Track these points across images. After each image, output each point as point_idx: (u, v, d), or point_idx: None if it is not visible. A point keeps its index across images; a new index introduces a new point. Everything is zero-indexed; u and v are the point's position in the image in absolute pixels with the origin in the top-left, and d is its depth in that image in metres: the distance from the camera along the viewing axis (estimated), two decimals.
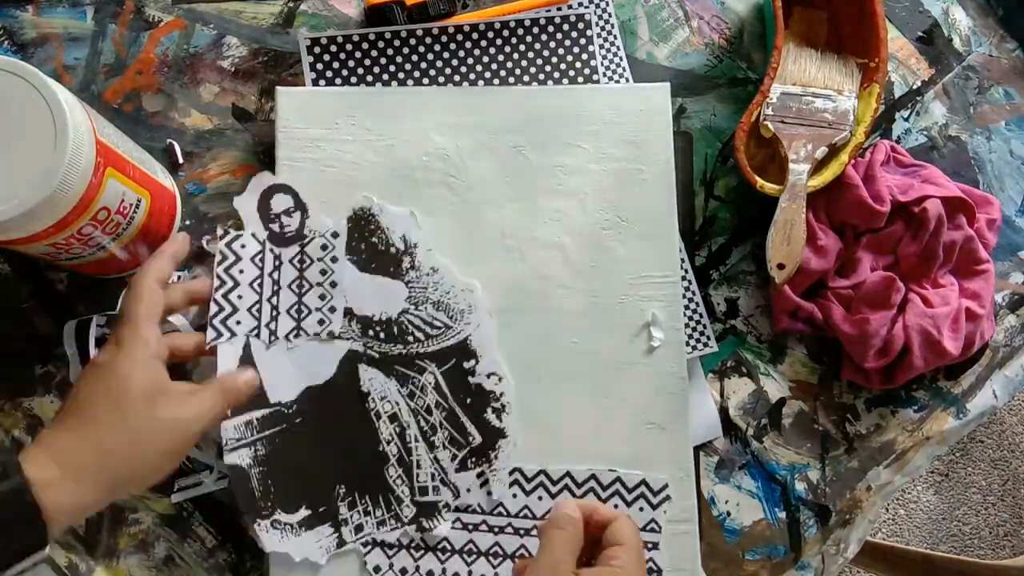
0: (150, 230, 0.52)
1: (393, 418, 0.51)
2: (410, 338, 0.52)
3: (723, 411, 0.57)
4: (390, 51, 0.56)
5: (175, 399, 0.44)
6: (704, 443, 0.57)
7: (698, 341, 0.56)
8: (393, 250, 0.52)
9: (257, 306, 0.51)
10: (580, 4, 0.59)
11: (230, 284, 0.51)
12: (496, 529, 0.51)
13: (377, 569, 0.50)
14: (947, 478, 1.41)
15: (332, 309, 0.51)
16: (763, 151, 0.59)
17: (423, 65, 0.56)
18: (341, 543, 0.50)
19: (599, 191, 0.54)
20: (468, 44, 0.57)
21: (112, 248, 0.49)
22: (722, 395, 0.58)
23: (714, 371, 0.58)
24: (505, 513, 0.51)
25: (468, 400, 0.51)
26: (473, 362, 0.52)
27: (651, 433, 0.52)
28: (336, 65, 0.56)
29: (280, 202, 0.52)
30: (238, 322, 0.50)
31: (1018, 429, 1.43)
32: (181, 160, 0.57)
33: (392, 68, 0.56)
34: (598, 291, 0.53)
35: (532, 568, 0.38)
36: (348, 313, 0.52)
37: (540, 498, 0.51)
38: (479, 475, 0.51)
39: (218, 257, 0.51)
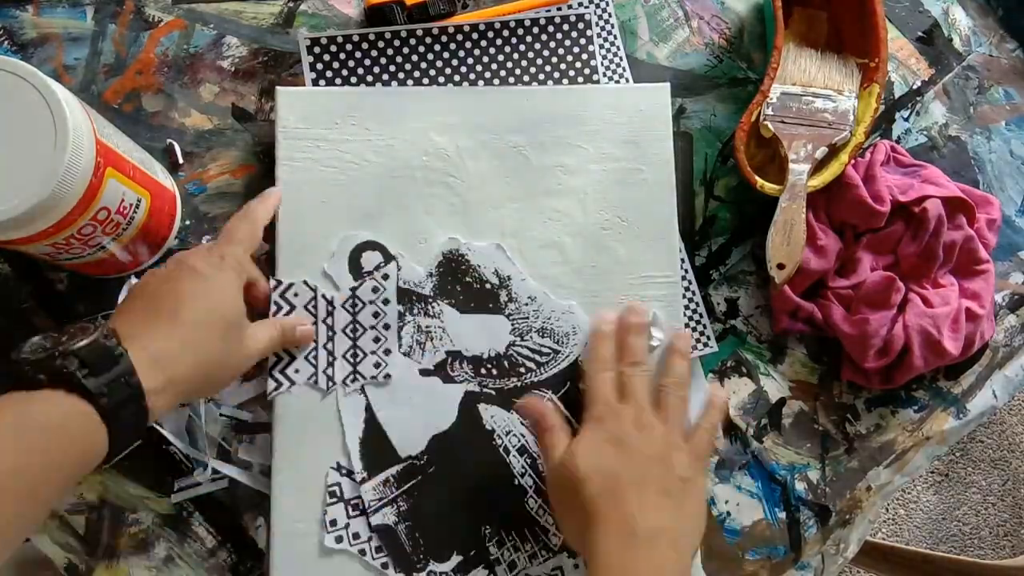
0: (150, 230, 0.52)
1: (522, 451, 0.51)
2: (522, 369, 0.52)
3: None
4: (390, 51, 0.56)
5: (250, 330, 0.46)
6: None
7: (698, 341, 0.56)
8: (488, 286, 0.53)
9: (314, 353, 0.51)
10: (580, 4, 0.59)
11: None
12: None
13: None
14: (947, 478, 1.41)
15: (387, 351, 0.52)
16: (763, 151, 0.59)
17: (423, 65, 0.56)
18: None
19: (599, 191, 0.54)
20: (468, 44, 0.57)
21: (112, 248, 0.49)
22: None
23: (714, 371, 0.58)
24: None
25: None
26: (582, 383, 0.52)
27: None
28: (336, 65, 0.56)
29: (370, 260, 0.52)
30: (296, 370, 0.51)
31: (1018, 429, 1.43)
32: (181, 160, 0.57)
33: (392, 68, 0.56)
34: (598, 291, 0.53)
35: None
36: (457, 356, 0.52)
37: None
38: None
39: (272, 308, 0.51)
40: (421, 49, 0.56)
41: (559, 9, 0.58)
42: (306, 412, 0.51)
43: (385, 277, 0.52)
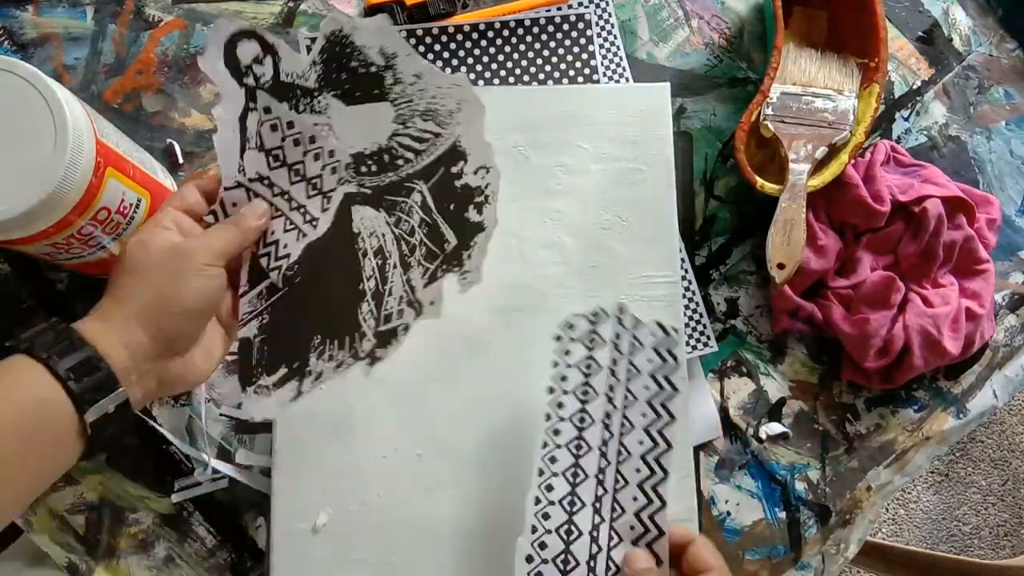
0: None
1: (378, 252, 0.48)
2: (400, 161, 0.47)
3: (723, 411, 0.57)
4: None
5: (190, 240, 0.42)
6: (704, 443, 0.57)
7: (698, 341, 0.56)
8: (374, 69, 0.47)
9: (287, 221, 0.47)
10: (580, 4, 0.59)
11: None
12: None
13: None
14: (947, 478, 1.41)
15: (331, 153, 0.47)
16: (763, 151, 0.59)
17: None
18: (298, 395, 0.47)
19: (599, 191, 0.54)
20: (468, 44, 0.57)
21: (112, 248, 0.49)
22: (722, 395, 0.58)
23: (714, 371, 0.58)
24: None
25: (452, 206, 0.48)
26: (462, 164, 0.48)
27: None
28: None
29: (247, 50, 0.45)
30: (285, 245, 0.47)
31: (1018, 429, 1.43)
32: (181, 160, 0.57)
33: None
34: (598, 291, 0.53)
35: None
36: (338, 155, 0.47)
37: None
38: (449, 283, 0.48)
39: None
40: (421, 49, 0.56)
41: (559, 9, 0.58)
42: (307, 411, 0.51)
43: (259, 62, 0.45)
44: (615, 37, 0.60)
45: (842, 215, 0.58)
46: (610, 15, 0.60)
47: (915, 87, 0.64)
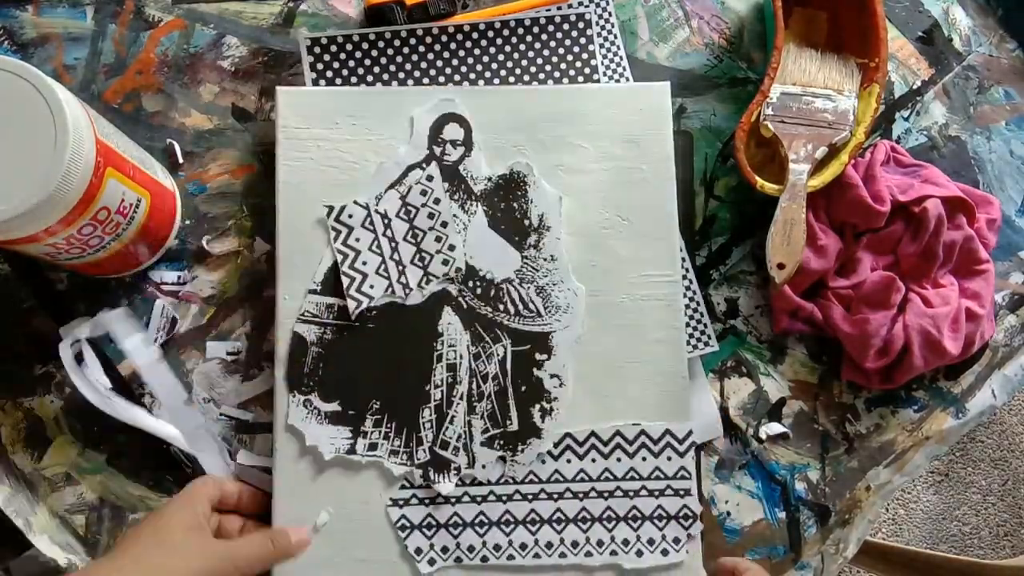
0: (150, 230, 0.52)
1: (451, 368, 0.52)
2: (501, 307, 0.53)
3: (723, 411, 0.57)
4: (390, 51, 0.56)
5: (217, 536, 0.46)
6: (704, 443, 0.57)
7: (699, 340, 0.56)
8: (527, 223, 0.53)
9: (383, 266, 0.52)
10: (580, 3, 0.59)
11: (352, 255, 0.52)
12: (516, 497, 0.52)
13: (419, 551, 0.51)
14: (947, 478, 1.41)
15: (451, 247, 0.53)
16: (763, 151, 0.59)
17: (423, 65, 0.56)
18: (351, 451, 0.51)
19: (599, 190, 0.54)
20: (468, 44, 0.57)
21: (112, 248, 0.49)
22: (722, 395, 0.58)
23: (714, 371, 0.58)
24: (537, 480, 0.52)
25: (523, 388, 0.52)
26: (545, 357, 0.53)
27: None
28: (336, 65, 0.56)
29: (452, 131, 0.54)
30: (372, 286, 0.52)
31: (1018, 429, 1.43)
32: (181, 160, 0.57)
33: (392, 68, 0.56)
34: (598, 290, 0.53)
35: None
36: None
37: (568, 461, 0.52)
38: (500, 458, 0.52)
39: (332, 234, 0.52)
40: (421, 49, 0.56)
41: (559, 8, 0.58)
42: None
43: (455, 145, 0.53)
44: (615, 37, 0.60)
45: (842, 215, 0.58)
46: (610, 15, 0.60)
47: (915, 87, 0.64)
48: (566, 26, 0.57)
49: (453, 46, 0.57)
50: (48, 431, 0.54)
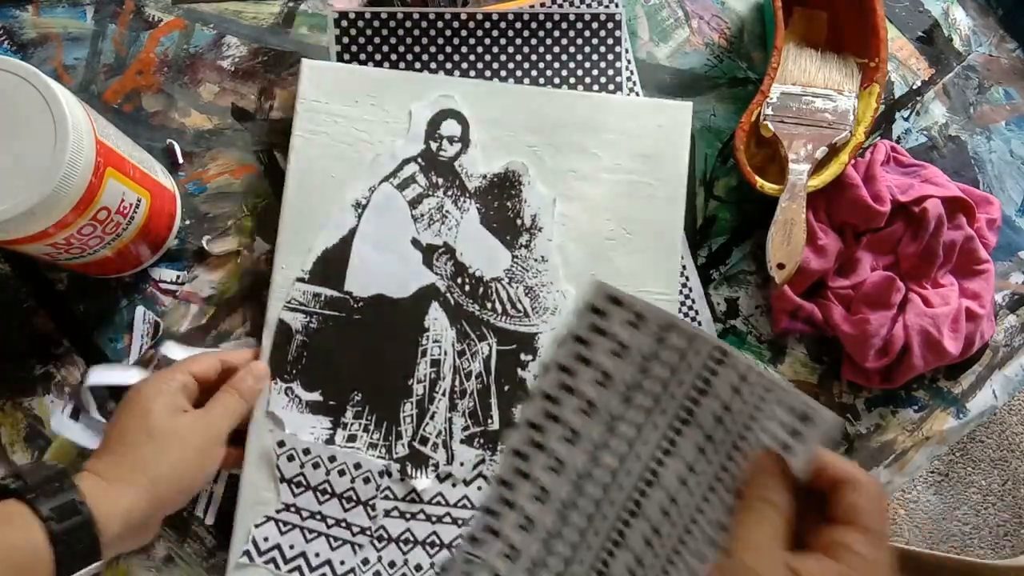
0: (150, 230, 0.52)
1: (435, 363, 0.52)
2: (489, 304, 0.53)
3: None
4: (416, 32, 0.56)
5: (195, 410, 0.46)
6: None
7: None
8: (519, 223, 0.54)
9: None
10: (613, 3, 0.58)
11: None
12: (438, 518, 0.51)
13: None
14: (947, 478, 1.41)
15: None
16: (763, 151, 0.59)
17: (448, 49, 0.56)
18: (330, 440, 0.51)
19: (608, 201, 0.54)
20: (495, 32, 0.56)
21: (112, 248, 0.49)
22: None
23: None
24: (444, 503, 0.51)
25: (507, 388, 0.52)
26: (530, 357, 0.53)
27: None
28: (362, 41, 0.55)
29: (450, 127, 0.54)
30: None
31: (1018, 429, 1.43)
32: (181, 160, 0.57)
33: (417, 50, 0.56)
34: None
35: (727, 564, 0.29)
36: (450, 252, 0.53)
37: (479, 488, 0.52)
38: (477, 457, 0.51)
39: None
40: (448, 33, 0.56)
41: (588, 6, 0.57)
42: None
43: (451, 142, 0.53)
44: (624, 39, 0.60)
45: (842, 215, 0.58)
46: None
47: (915, 87, 0.64)
48: (595, 24, 0.57)
49: (480, 33, 0.56)
50: (48, 431, 0.54)
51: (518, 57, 0.57)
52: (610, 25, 0.57)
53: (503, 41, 0.56)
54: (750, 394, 0.31)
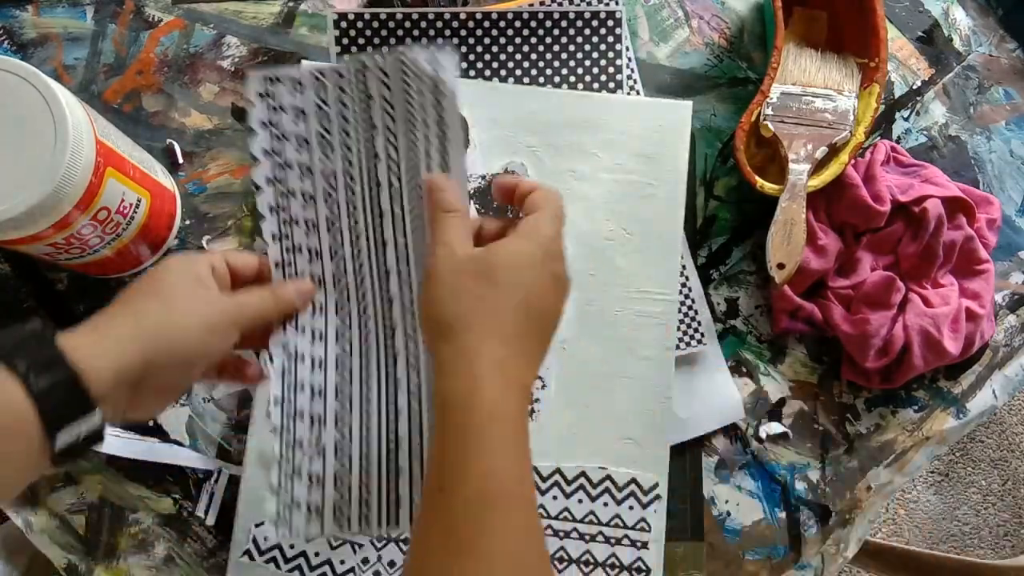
0: (150, 230, 0.52)
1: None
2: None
3: None
4: (416, 32, 0.56)
5: (227, 294, 0.41)
6: (704, 443, 0.57)
7: (691, 339, 0.56)
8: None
9: None
10: (613, 0, 0.58)
11: None
12: None
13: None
14: (947, 478, 1.41)
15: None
16: (763, 151, 0.59)
17: None
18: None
19: (608, 201, 0.54)
20: (495, 32, 0.56)
21: (112, 248, 0.49)
22: None
23: None
24: None
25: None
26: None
27: (626, 448, 0.52)
28: (361, 41, 0.55)
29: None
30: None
31: (1018, 429, 1.43)
32: (181, 160, 0.57)
33: None
34: (593, 300, 0.53)
35: (429, 262, 0.37)
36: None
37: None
38: None
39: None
40: (447, 33, 0.56)
41: (588, 4, 0.57)
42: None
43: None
44: (625, 38, 0.60)
45: (842, 215, 0.58)
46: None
47: (915, 87, 0.64)
48: (595, 22, 0.57)
49: (479, 32, 0.56)
50: None
51: (518, 57, 0.56)
52: (610, 23, 0.57)
53: (503, 41, 0.56)
54: (397, 83, 0.40)
